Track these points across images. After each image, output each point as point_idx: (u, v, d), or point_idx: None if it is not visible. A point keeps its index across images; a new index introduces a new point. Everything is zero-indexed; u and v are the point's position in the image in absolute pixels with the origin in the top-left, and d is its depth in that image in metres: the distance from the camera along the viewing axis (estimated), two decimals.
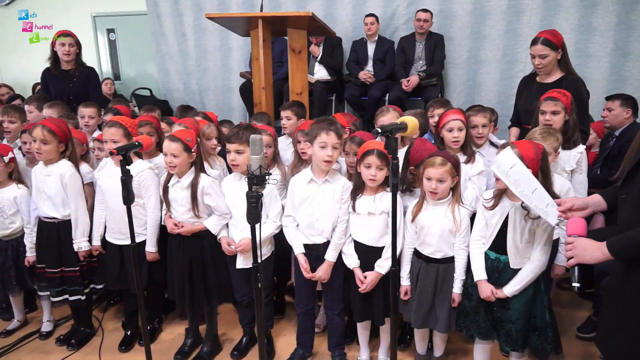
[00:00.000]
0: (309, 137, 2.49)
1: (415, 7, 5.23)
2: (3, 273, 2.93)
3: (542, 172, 2.10)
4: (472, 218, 2.42)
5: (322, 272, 2.50)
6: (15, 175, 2.94)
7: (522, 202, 2.09)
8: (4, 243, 2.93)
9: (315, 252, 2.54)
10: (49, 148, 2.70)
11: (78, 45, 4.20)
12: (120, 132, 2.66)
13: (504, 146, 2.21)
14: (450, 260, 2.37)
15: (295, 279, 2.70)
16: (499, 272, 2.22)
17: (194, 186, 2.56)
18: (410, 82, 4.93)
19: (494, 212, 2.21)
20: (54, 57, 4.17)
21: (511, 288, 2.17)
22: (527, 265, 2.16)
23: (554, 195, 2.00)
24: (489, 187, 2.69)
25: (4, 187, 2.90)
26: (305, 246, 2.55)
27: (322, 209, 2.48)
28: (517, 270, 2.18)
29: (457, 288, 2.36)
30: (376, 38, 5.31)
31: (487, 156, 2.84)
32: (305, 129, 2.77)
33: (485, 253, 2.28)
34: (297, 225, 2.58)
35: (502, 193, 2.21)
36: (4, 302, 3.22)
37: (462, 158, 2.62)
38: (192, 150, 2.55)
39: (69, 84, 4.17)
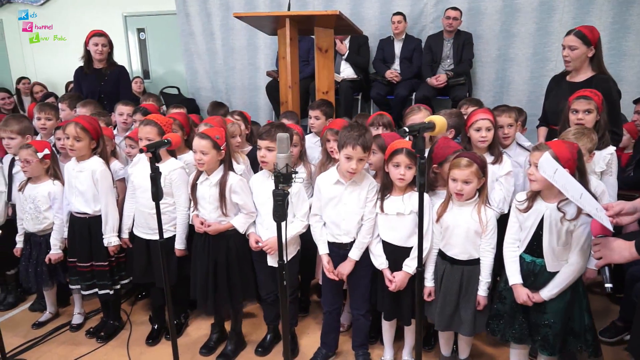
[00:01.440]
0: (338, 142, 2.48)
1: (444, 6, 5.18)
2: (37, 267, 3.01)
3: (580, 172, 2.05)
4: (499, 220, 2.39)
5: (343, 269, 2.50)
6: (52, 172, 3.00)
7: (558, 204, 2.05)
8: (38, 238, 3.02)
9: (342, 251, 2.53)
10: (81, 145, 2.77)
11: (110, 44, 4.29)
12: (154, 131, 2.71)
13: (536, 148, 2.16)
14: (475, 262, 2.34)
15: (322, 278, 2.70)
16: (535, 275, 2.17)
17: (222, 184, 2.59)
18: (439, 79, 4.88)
19: (529, 215, 2.17)
20: (87, 56, 4.26)
21: (548, 292, 2.13)
22: (565, 269, 2.11)
23: (595, 197, 1.95)
24: (516, 188, 2.64)
25: (39, 183, 2.97)
26: (332, 244, 2.55)
27: (348, 209, 2.47)
28: (554, 273, 2.13)
29: (482, 291, 2.32)
30: (403, 37, 5.27)
31: (514, 157, 2.79)
32: (335, 128, 2.77)
33: (520, 256, 2.24)
34: (324, 224, 2.58)
35: (536, 195, 2.16)
36: (40, 296, 3.32)
37: (489, 159, 2.58)
38: (222, 148, 2.57)
39: (101, 82, 4.26)
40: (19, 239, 3.08)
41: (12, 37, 7.41)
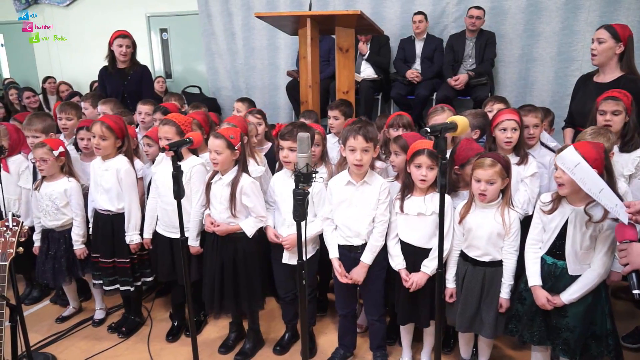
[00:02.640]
0: (342, 139, 2.48)
1: (466, 5, 5.12)
2: (55, 262, 3.05)
3: (607, 171, 2.00)
4: (522, 221, 2.35)
5: (356, 275, 2.47)
6: (67, 169, 3.04)
7: (585, 207, 2.01)
8: (57, 233, 3.05)
9: (354, 254, 2.50)
10: (107, 144, 2.82)
11: (134, 45, 4.35)
12: (173, 130, 2.73)
13: (562, 150, 2.12)
14: (497, 264, 2.31)
15: (335, 282, 2.68)
16: (556, 277, 2.14)
17: (233, 184, 2.58)
18: (460, 79, 4.83)
19: (553, 216, 2.13)
20: (111, 56, 4.32)
21: (569, 296, 2.09)
22: (587, 273, 2.07)
23: (619, 197, 1.91)
24: (541, 190, 2.60)
25: (55, 180, 3.00)
26: (343, 247, 2.52)
27: (359, 211, 2.45)
28: (576, 276, 2.09)
29: (504, 293, 2.29)
30: (424, 36, 5.23)
31: (538, 157, 2.74)
32: None
33: (542, 258, 2.20)
34: (336, 228, 2.55)
35: (561, 197, 2.12)
36: (60, 290, 3.39)
37: (514, 159, 2.54)
38: (236, 148, 2.57)
39: (124, 81, 4.33)
40: (36, 237, 3.13)
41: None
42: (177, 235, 2.62)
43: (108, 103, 3.76)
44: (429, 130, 1.75)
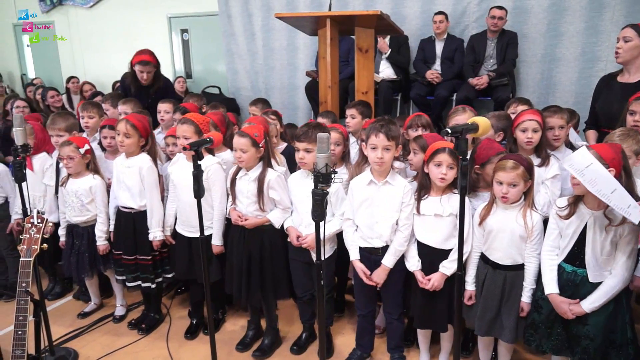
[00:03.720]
0: (364, 138, 2.47)
1: (488, 5, 5.06)
2: (78, 256, 3.12)
3: (625, 171, 1.95)
4: (545, 223, 2.31)
5: (377, 277, 2.46)
6: (92, 166, 3.10)
7: (604, 210, 1.96)
8: (81, 229, 3.12)
9: (374, 257, 2.49)
10: (131, 142, 2.87)
11: (155, 64, 4.18)
12: (191, 129, 2.76)
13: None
14: (519, 267, 2.27)
15: (355, 283, 2.68)
16: (576, 286, 2.09)
17: (260, 180, 2.62)
18: (481, 80, 4.78)
19: (570, 222, 2.08)
20: (133, 75, 4.17)
21: (590, 304, 2.04)
22: (609, 280, 2.02)
23: (637, 198, 1.86)
24: (564, 192, 2.55)
25: (81, 177, 3.07)
26: (364, 249, 2.51)
27: (381, 211, 2.44)
28: (597, 284, 2.04)
29: (526, 297, 2.26)
30: (445, 36, 5.19)
31: (564, 159, 2.69)
32: None
33: (560, 265, 2.15)
34: (356, 229, 2.55)
35: (578, 201, 2.08)
36: (83, 286, 3.45)
37: (535, 161, 2.50)
38: (260, 146, 2.60)
39: (148, 99, 4.22)
40: (62, 232, 3.20)
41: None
42: (196, 235, 2.69)
43: (128, 103, 3.81)
44: (449, 130, 1.73)
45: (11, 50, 8.22)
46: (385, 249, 2.46)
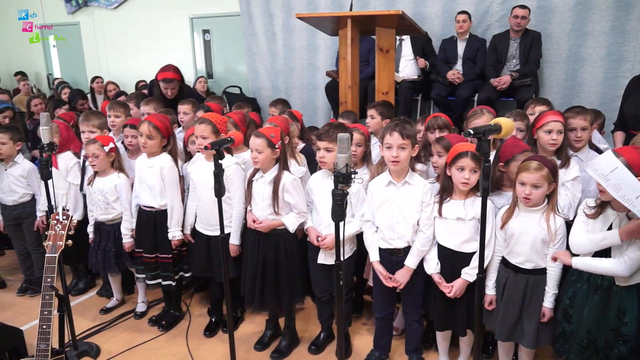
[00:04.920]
0: (380, 139, 2.46)
1: (511, 4, 4.98)
2: (105, 253, 3.19)
3: None
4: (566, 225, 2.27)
5: (401, 277, 2.45)
6: (117, 165, 3.17)
7: (628, 212, 1.92)
8: (107, 227, 3.19)
9: (395, 258, 2.48)
10: (153, 142, 2.91)
11: (179, 79, 4.20)
12: (209, 129, 2.78)
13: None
14: (541, 271, 2.23)
15: (373, 284, 2.67)
16: (604, 290, 2.04)
17: (275, 182, 2.62)
18: (502, 80, 4.71)
19: (595, 224, 2.04)
20: (158, 89, 4.18)
21: (581, 261, 2.01)
22: (613, 260, 1.96)
23: None
24: (589, 194, 2.50)
25: (106, 176, 3.14)
26: (384, 251, 2.50)
27: (402, 211, 2.42)
28: (624, 287, 1.99)
29: (548, 302, 2.21)
30: (467, 36, 5.12)
31: (586, 161, 2.64)
32: None
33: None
34: (376, 230, 2.54)
35: (605, 203, 2.03)
36: (107, 283, 3.51)
37: None
38: (276, 147, 2.60)
39: (175, 110, 4.12)
40: (90, 229, 3.27)
41: (88, 38, 7.89)
42: (214, 233, 2.76)
43: (150, 103, 3.85)
44: (472, 132, 1.71)
45: (38, 51, 8.41)
46: (406, 249, 2.45)
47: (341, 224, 1.80)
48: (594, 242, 2.00)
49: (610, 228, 2.00)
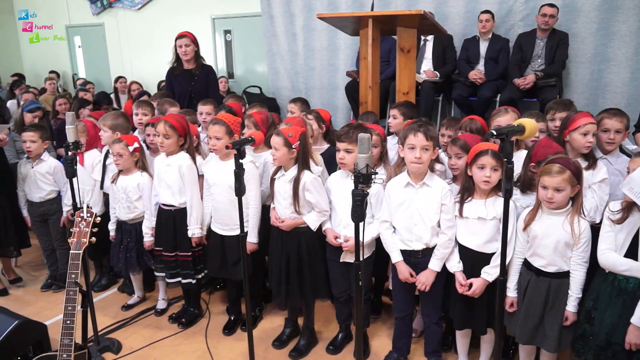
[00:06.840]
0: (401, 139, 2.44)
1: (535, 3, 4.91)
2: (127, 252, 3.23)
3: None
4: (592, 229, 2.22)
5: (425, 279, 2.43)
6: (140, 164, 3.21)
7: None
8: (129, 226, 3.23)
9: (414, 259, 2.47)
10: (170, 142, 2.94)
11: (195, 43, 4.42)
12: (222, 130, 2.80)
13: (638, 155, 1.98)
14: (564, 275, 2.19)
15: (393, 285, 2.66)
16: (628, 294, 2.00)
17: (296, 181, 2.63)
18: (527, 79, 4.64)
19: (621, 228, 2.00)
20: (177, 58, 4.46)
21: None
22: None
23: None
24: (612, 197, 2.44)
25: (130, 174, 3.19)
26: (403, 252, 2.49)
27: (420, 213, 2.41)
28: None
29: (571, 306, 2.17)
30: (490, 36, 5.06)
31: (615, 164, 2.58)
32: None
33: (610, 272, 2.07)
34: (394, 231, 2.52)
35: (631, 205, 1.99)
36: (128, 280, 3.57)
37: (582, 164, 2.40)
38: (293, 147, 2.60)
39: (191, 82, 4.46)
40: (112, 227, 3.32)
41: (112, 39, 8.03)
42: (229, 233, 2.83)
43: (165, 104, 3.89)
44: (494, 132, 1.69)
45: (64, 51, 8.59)
46: (425, 251, 2.43)
47: (360, 224, 1.79)
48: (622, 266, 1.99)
49: (637, 235, 1.95)
